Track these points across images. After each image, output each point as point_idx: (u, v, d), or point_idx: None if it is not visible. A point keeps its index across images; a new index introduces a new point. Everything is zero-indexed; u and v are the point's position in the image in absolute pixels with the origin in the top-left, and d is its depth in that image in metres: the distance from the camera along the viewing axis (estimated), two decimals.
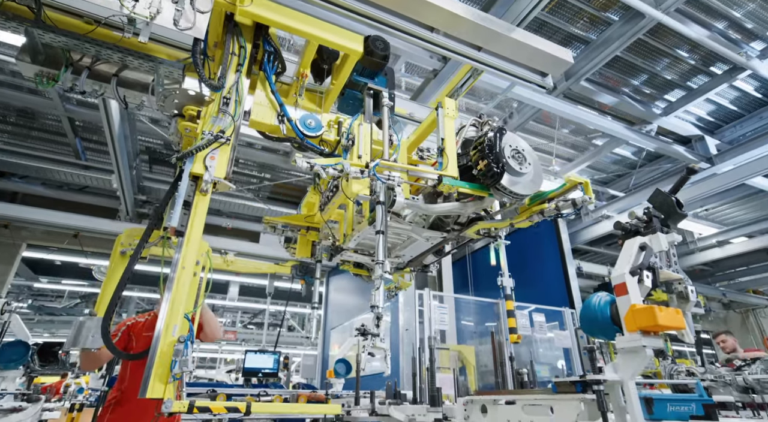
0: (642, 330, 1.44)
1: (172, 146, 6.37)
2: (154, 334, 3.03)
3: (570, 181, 2.17)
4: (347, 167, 1.99)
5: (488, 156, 2.02)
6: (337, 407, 1.97)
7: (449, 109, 2.32)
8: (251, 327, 16.35)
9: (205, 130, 2.35)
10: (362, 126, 2.33)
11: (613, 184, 7.83)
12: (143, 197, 7.23)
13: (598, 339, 1.84)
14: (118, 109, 5.30)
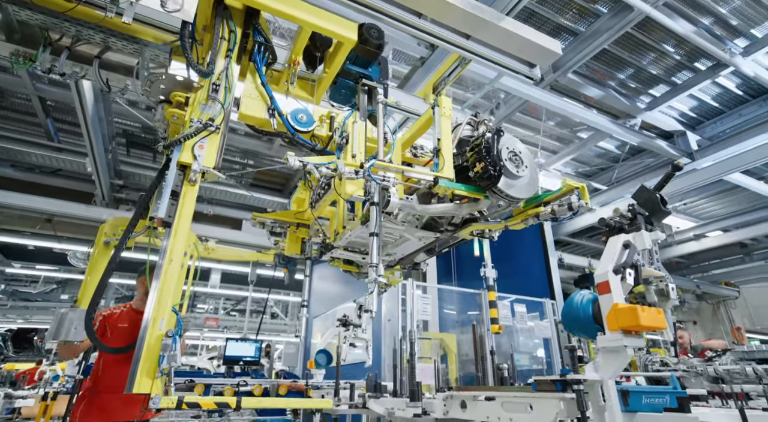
0: (624, 330, 1.45)
1: (152, 130, 6.20)
2: (124, 325, 2.97)
3: (567, 186, 2.20)
4: (341, 167, 1.97)
5: (485, 158, 2.03)
6: (328, 402, 2.00)
7: (445, 108, 2.31)
8: (234, 314, 16.25)
9: (193, 118, 2.31)
10: (356, 124, 2.29)
11: (596, 177, 8.01)
12: (120, 182, 7.03)
13: (580, 337, 1.86)
14: (92, 89, 5.10)
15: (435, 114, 2.32)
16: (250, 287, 8.99)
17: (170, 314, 2.02)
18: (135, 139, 6.77)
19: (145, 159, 7.00)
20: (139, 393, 1.75)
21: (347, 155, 2.13)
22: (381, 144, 2.20)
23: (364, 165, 1.99)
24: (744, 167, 6.19)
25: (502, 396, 1.68)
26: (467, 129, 2.34)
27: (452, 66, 4.89)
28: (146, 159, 7.01)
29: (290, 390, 5.37)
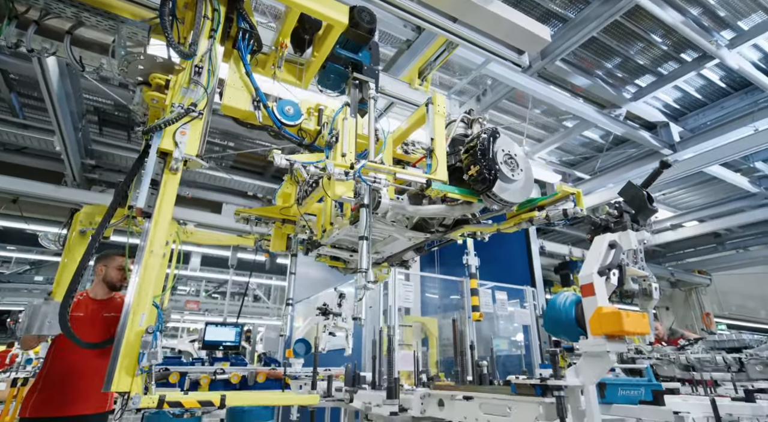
0: (607, 335, 1.41)
1: (126, 107, 5.94)
2: (80, 315, 2.84)
3: (562, 191, 2.20)
4: (330, 168, 1.91)
5: (480, 161, 2.00)
6: (314, 397, 2.00)
7: (439, 106, 2.26)
8: (216, 296, 16.10)
9: (174, 102, 2.21)
10: (347, 120, 2.20)
11: (579, 166, 8.12)
12: (92, 162, 6.76)
13: (561, 339, 1.84)
14: (56, 64, 4.84)
15: (428, 112, 2.27)
16: (230, 271, 8.90)
17: (150, 308, 1.97)
18: (108, 117, 6.50)
19: (119, 138, 6.74)
20: (118, 392, 1.72)
21: (337, 154, 2.06)
22: (372, 142, 2.14)
23: (355, 166, 1.93)
24: (724, 160, 6.37)
25: (480, 397, 1.67)
26: (460, 127, 2.31)
27: (439, 50, 4.83)
28: (120, 138, 6.75)
29: (268, 377, 5.39)
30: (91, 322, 2.81)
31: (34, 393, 2.67)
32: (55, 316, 2.16)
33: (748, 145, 6.00)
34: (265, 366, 7.86)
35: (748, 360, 3.95)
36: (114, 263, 2.96)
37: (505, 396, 1.55)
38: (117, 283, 3.01)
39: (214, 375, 4.85)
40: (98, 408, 2.73)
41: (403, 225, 2.33)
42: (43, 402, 2.64)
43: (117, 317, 2.96)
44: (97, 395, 2.73)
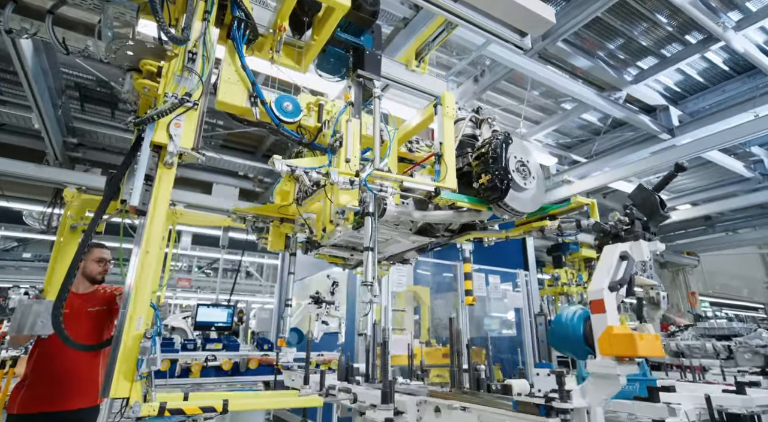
0: (617, 357, 1.35)
1: (108, 83, 5.71)
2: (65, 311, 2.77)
3: (576, 202, 2.16)
4: (335, 177, 1.82)
5: (492, 170, 1.94)
6: (318, 400, 2.00)
7: (449, 107, 2.16)
8: (209, 272, 16.05)
9: (168, 92, 2.11)
10: (350, 123, 2.09)
11: (576, 148, 8.10)
12: (74, 140, 6.54)
13: (567, 355, 1.73)
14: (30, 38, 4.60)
15: (437, 114, 2.17)
16: (222, 252, 8.84)
17: (148, 310, 1.93)
18: (89, 93, 6.25)
19: (103, 115, 6.50)
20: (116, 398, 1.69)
21: (341, 159, 1.96)
22: (377, 145, 2.04)
23: (361, 174, 1.85)
24: (722, 145, 6.37)
25: (479, 409, 1.61)
26: (468, 127, 2.24)
27: (437, 30, 4.68)
28: (104, 115, 6.51)
29: (261, 363, 5.43)
30: (77, 318, 2.75)
31: (22, 389, 2.63)
32: (47, 316, 2.11)
33: (747, 131, 6.01)
34: (257, 348, 7.95)
35: (737, 348, 4.07)
36: (92, 256, 2.87)
37: (506, 411, 1.48)
38: (97, 276, 2.93)
39: (206, 362, 4.87)
40: (90, 402, 2.71)
41: (407, 228, 2.28)
42: (31, 398, 2.61)
43: (102, 311, 2.92)
44: (88, 388, 2.71)
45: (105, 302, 2.95)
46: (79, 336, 2.74)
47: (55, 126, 5.95)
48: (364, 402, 2.11)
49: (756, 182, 8.25)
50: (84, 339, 2.78)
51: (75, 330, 2.70)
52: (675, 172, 1.87)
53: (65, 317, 2.52)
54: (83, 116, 6.42)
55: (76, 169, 6.63)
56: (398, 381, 2.89)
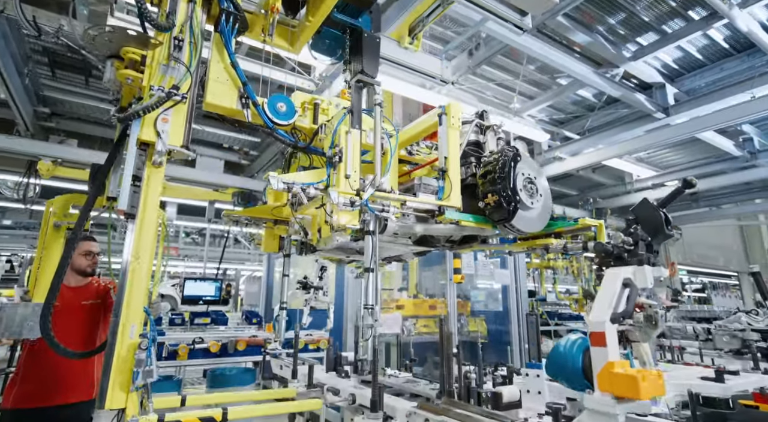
0: (617, 396, 1.30)
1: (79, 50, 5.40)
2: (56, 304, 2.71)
3: (583, 223, 2.12)
4: (335, 198, 1.73)
5: (500, 191, 1.88)
6: (317, 403, 2.03)
7: (454, 117, 2.05)
8: (197, 238, 15.88)
9: (153, 85, 1.98)
10: (350, 135, 1.96)
11: (569, 124, 8.06)
12: (46, 109, 6.22)
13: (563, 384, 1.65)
14: None
15: (441, 125, 2.06)
16: (208, 225, 8.74)
17: (141, 316, 1.90)
18: (60, 59, 5.88)
19: (76, 83, 6.15)
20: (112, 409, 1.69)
21: (340, 175, 1.87)
22: (378, 163, 1.92)
23: (362, 194, 1.77)
24: (717, 126, 6.39)
25: None
26: (472, 133, 2.16)
27: (433, 5, 4.47)
28: (77, 83, 6.16)
29: (249, 345, 5.49)
30: (69, 311, 2.69)
31: (15, 384, 2.61)
32: (35, 318, 2.06)
33: (743, 112, 6.03)
34: (246, 321, 8.03)
35: (716, 331, 4.26)
36: (78, 249, 2.77)
37: None
38: (86, 269, 2.84)
39: (193, 345, 4.89)
40: (86, 396, 2.71)
41: (406, 238, 2.23)
42: (25, 394, 2.60)
43: (97, 305, 2.87)
44: (81, 383, 2.70)
45: (99, 295, 2.90)
46: (71, 330, 2.71)
47: (22, 95, 5.63)
48: (353, 398, 2.11)
49: (744, 160, 8.38)
50: (77, 334, 2.76)
51: (67, 324, 2.67)
52: (682, 189, 1.82)
53: (57, 310, 2.48)
54: (54, 84, 6.07)
55: (51, 140, 6.35)
56: (386, 373, 2.92)
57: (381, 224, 1.83)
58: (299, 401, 2.03)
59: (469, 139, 2.19)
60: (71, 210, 2.40)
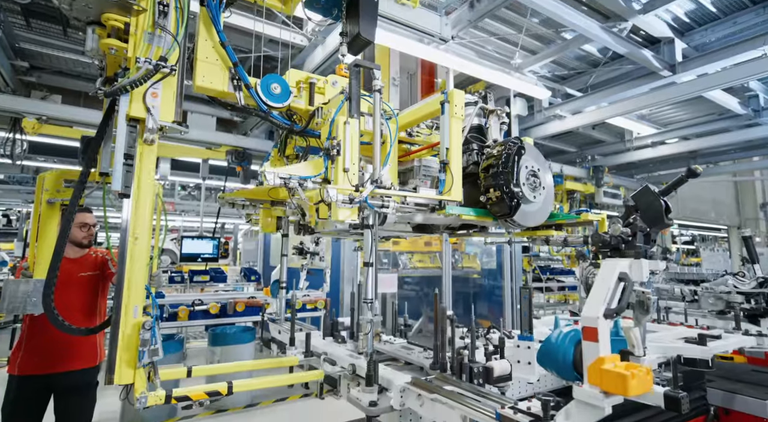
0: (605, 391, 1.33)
1: None
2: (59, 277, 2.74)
3: (585, 218, 2.09)
4: (333, 195, 1.68)
5: (502, 187, 1.84)
6: (320, 373, 2.12)
7: (457, 106, 1.96)
8: (195, 192, 15.82)
9: (140, 57, 1.89)
10: (349, 125, 1.87)
11: (571, 80, 7.83)
12: (25, 63, 5.93)
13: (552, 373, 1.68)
14: None
15: (444, 113, 1.97)
16: (203, 183, 8.68)
17: (143, 296, 1.93)
18: (34, 7, 5.53)
19: (53, 34, 5.82)
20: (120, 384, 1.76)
21: (338, 170, 1.81)
22: (377, 154, 1.86)
23: (361, 190, 1.72)
24: (725, 84, 6.21)
25: (461, 409, 1.62)
26: (475, 117, 2.09)
27: None
28: (54, 34, 5.82)
29: (247, 306, 5.64)
30: (69, 283, 2.74)
31: (20, 351, 2.70)
32: (37, 295, 2.10)
33: (752, 70, 5.86)
34: (245, 278, 8.20)
35: (702, 292, 4.42)
36: (73, 221, 2.76)
37: (489, 418, 1.48)
38: (82, 241, 2.86)
39: (192, 306, 5.01)
40: (87, 363, 2.81)
41: (405, 223, 2.23)
42: (29, 362, 2.68)
43: (95, 276, 2.91)
44: (85, 350, 2.79)
45: (97, 267, 2.93)
46: (73, 301, 2.77)
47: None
48: (349, 369, 2.17)
49: (747, 118, 8.28)
50: (78, 305, 2.82)
51: (68, 295, 2.73)
52: (686, 178, 1.79)
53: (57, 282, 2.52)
54: (31, 35, 5.76)
55: (33, 96, 6.12)
56: (382, 339, 3.01)
57: (380, 217, 1.82)
58: (301, 373, 2.13)
59: (473, 121, 2.13)
60: (64, 185, 2.37)
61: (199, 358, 7.64)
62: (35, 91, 6.23)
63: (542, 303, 11.27)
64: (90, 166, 2.09)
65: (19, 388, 2.65)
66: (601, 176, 10.27)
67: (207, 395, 1.81)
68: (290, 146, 2.69)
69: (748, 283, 4.30)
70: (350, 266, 5.91)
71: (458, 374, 1.90)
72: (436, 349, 2.16)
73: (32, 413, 2.68)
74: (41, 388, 2.72)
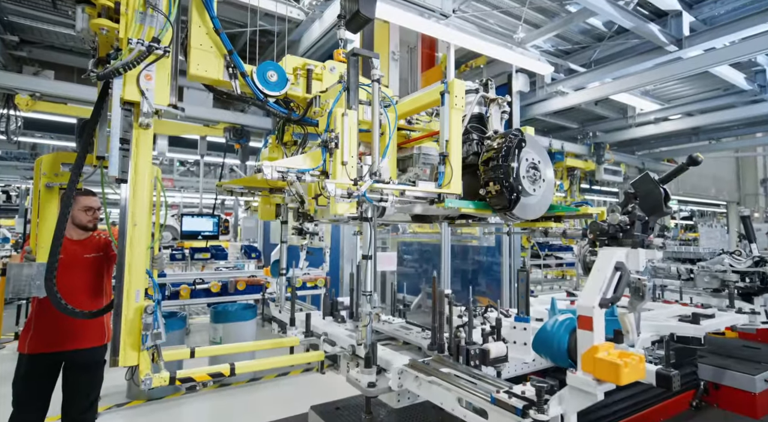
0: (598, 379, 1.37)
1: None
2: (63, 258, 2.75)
3: (585, 211, 2.08)
4: (332, 190, 1.66)
5: (502, 181, 1.83)
6: (320, 355, 2.17)
7: (458, 96, 1.91)
8: (193, 168, 15.78)
9: (132, 38, 1.85)
10: (347, 117, 1.83)
11: (575, 55, 7.67)
12: (15, 37, 5.78)
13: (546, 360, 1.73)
14: None
15: (444, 104, 1.93)
16: (201, 160, 8.62)
17: (145, 280, 1.95)
18: None
19: (42, 7, 5.65)
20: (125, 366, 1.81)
21: (337, 163, 1.78)
22: (376, 147, 1.83)
23: (360, 184, 1.71)
24: (733, 60, 6.05)
25: (457, 392, 1.66)
26: (476, 105, 2.04)
27: None
28: (43, 7, 5.66)
29: (248, 284, 5.71)
30: (74, 264, 2.78)
31: (30, 331, 2.76)
32: (41, 278, 2.13)
33: (763, 44, 5.71)
34: (245, 255, 8.26)
35: (698, 271, 4.47)
36: (78, 205, 2.76)
37: (484, 400, 1.53)
38: (87, 224, 2.87)
39: (194, 285, 5.07)
40: (94, 342, 2.88)
41: (404, 213, 2.22)
42: (38, 341, 2.75)
43: (99, 257, 2.94)
44: (91, 330, 2.85)
45: (101, 248, 2.96)
46: (78, 282, 2.83)
47: None
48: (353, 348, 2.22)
49: (752, 94, 8.16)
50: (83, 286, 2.86)
51: (74, 276, 2.78)
52: (686, 166, 1.78)
53: (60, 262, 2.56)
54: (20, 8, 5.60)
55: (25, 72, 6.00)
56: (380, 318, 3.06)
57: (379, 209, 1.81)
58: (302, 354, 2.18)
59: (474, 110, 2.09)
60: (61, 168, 2.36)
61: (201, 334, 7.80)
62: (27, 67, 6.12)
63: (540, 279, 11.41)
64: (86, 150, 2.07)
65: (29, 366, 2.73)
66: (602, 153, 10.20)
67: (210, 376, 1.86)
68: (288, 133, 2.67)
69: (744, 262, 4.34)
70: (350, 245, 5.94)
71: (455, 355, 1.95)
72: (434, 331, 2.20)
73: (42, 389, 2.76)
74: (50, 366, 2.80)
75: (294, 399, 4.72)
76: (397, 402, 1.98)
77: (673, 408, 3.78)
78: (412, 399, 1.94)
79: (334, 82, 2.29)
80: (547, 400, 1.40)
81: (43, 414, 2.76)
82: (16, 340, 7.04)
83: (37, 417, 2.73)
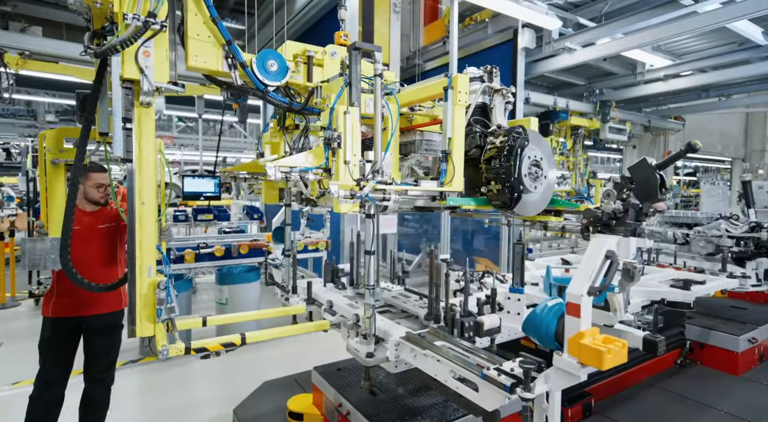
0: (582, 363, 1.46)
1: None
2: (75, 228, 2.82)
3: (585, 207, 2.08)
4: (335, 191, 1.67)
5: (504, 180, 1.84)
6: (326, 324, 2.29)
7: (461, 92, 1.88)
8: (192, 124, 15.65)
9: (127, 13, 1.83)
10: (349, 115, 1.80)
11: (584, 8, 7.36)
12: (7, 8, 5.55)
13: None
14: None
15: (447, 100, 1.90)
16: (199, 120, 8.53)
17: (156, 254, 2.05)
18: None
19: None
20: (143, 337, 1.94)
21: (339, 161, 1.78)
22: (378, 144, 1.82)
23: (363, 184, 1.72)
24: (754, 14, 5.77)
25: (450, 366, 1.74)
26: (480, 95, 2.01)
27: None
28: None
29: (251, 248, 5.83)
30: (89, 235, 2.91)
31: (52, 296, 2.95)
32: (55, 252, 2.22)
33: None
34: (247, 216, 8.37)
35: (694, 236, 4.57)
36: (90, 182, 2.84)
37: (476, 377, 1.62)
38: (100, 200, 2.96)
39: (198, 249, 5.22)
40: (112, 307, 3.05)
41: (405, 204, 2.24)
42: (61, 306, 2.94)
43: (112, 228, 3.05)
44: (109, 296, 3.01)
45: (113, 219, 3.08)
46: (93, 253, 2.97)
47: None
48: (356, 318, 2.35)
49: (766, 50, 7.91)
50: (99, 256, 3.00)
51: (88, 246, 2.92)
52: (685, 152, 1.77)
53: (76, 234, 2.64)
54: None
55: (11, 29, 5.81)
56: (380, 285, 3.17)
57: (381, 206, 1.85)
58: (306, 323, 2.31)
59: (478, 100, 2.07)
60: (65, 144, 2.38)
61: (208, 292, 8.07)
62: (13, 23, 5.92)
63: (539, 237, 11.58)
64: (89, 126, 2.10)
65: (53, 329, 2.94)
66: (607, 111, 10.02)
67: (222, 346, 2.00)
68: (290, 117, 2.67)
69: (740, 227, 4.42)
70: (348, 224, 6.08)
71: (450, 328, 2.07)
72: (431, 301, 2.31)
73: (65, 350, 2.99)
74: (72, 329, 3.00)
75: (298, 356, 4.99)
76: (394, 367, 2.12)
77: (659, 366, 4.01)
78: (409, 365, 2.08)
79: (335, 75, 2.28)
80: (534, 378, 1.51)
81: (67, 372, 3.01)
82: (30, 298, 7.32)
83: (61, 375, 2.98)
